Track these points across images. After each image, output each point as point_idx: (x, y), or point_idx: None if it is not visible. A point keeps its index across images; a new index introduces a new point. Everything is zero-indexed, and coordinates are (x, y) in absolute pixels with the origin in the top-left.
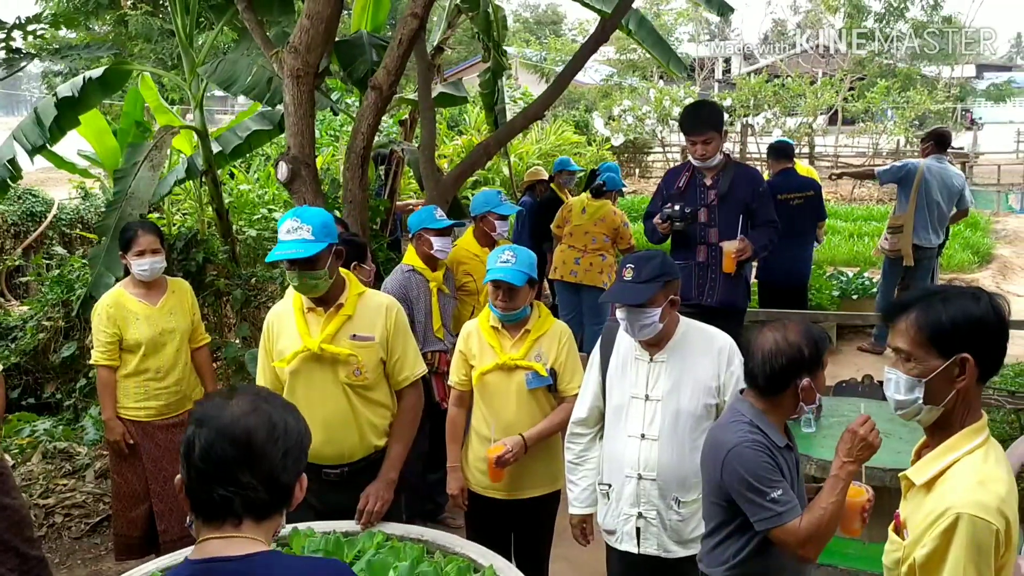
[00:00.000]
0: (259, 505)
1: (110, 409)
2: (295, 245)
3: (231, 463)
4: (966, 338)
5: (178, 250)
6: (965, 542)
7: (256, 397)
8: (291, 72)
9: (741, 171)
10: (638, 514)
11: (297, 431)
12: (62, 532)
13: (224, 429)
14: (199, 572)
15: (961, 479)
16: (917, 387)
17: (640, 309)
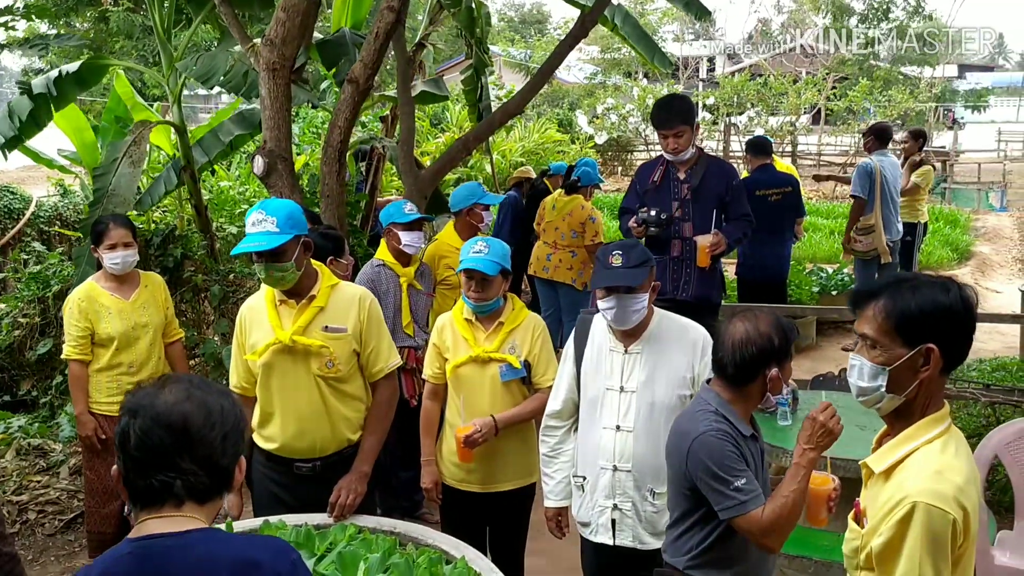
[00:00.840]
0: (199, 489)
1: (82, 404)
2: (260, 237)
3: (168, 449)
4: (933, 328)
5: (155, 246)
6: (921, 531)
7: (189, 384)
8: (267, 65)
9: (714, 165)
10: (613, 506)
11: (234, 415)
12: (35, 529)
13: (158, 417)
14: (136, 549)
15: (919, 468)
16: (881, 375)
17: (632, 294)
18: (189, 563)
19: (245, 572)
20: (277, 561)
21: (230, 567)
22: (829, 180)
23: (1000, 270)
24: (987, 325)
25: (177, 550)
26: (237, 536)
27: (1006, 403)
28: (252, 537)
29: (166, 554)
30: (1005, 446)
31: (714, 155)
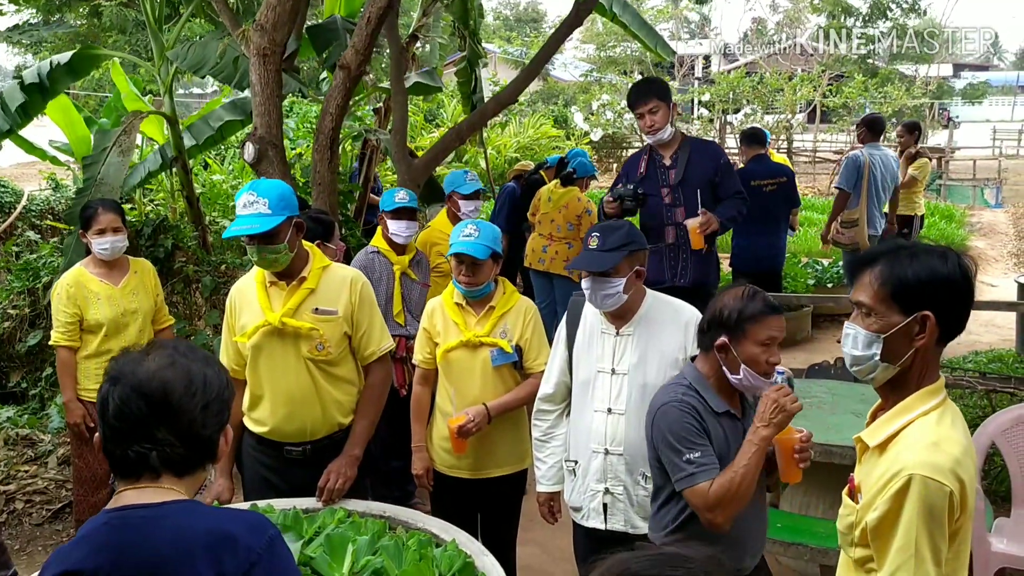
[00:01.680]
0: (177, 461)
1: (70, 391)
2: (252, 220)
3: (145, 419)
4: (930, 296)
5: (146, 236)
6: (917, 504)
7: (174, 351)
8: (258, 51)
9: (699, 146)
10: (605, 490)
11: (218, 384)
12: (23, 519)
13: (139, 385)
14: (112, 519)
15: (915, 440)
16: (876, 343)
17: (604, 278)
18: (163, 534)
19: (219, 545)
20: (253, 536)
21: (205, 539)
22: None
23: (996, 264)
24: (983, 318)
25: (152, 521)
26: (214, 509)
27: (1002, 391)
28: (230, 511)
29: (141, 525)
30: (1002, 433)
31: (697, 137)
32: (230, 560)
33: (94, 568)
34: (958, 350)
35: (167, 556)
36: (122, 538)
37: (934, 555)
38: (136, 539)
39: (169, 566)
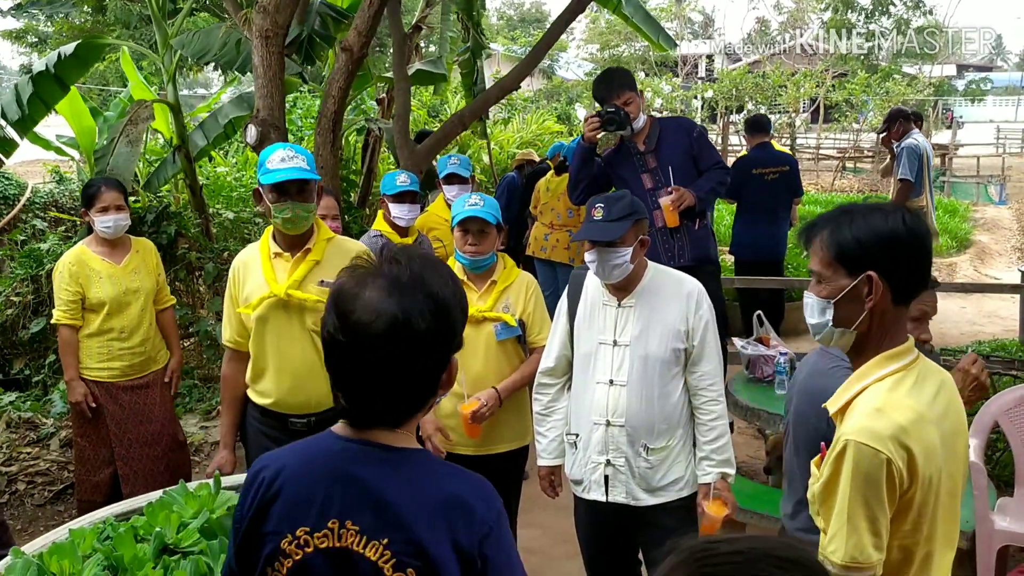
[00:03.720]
0: (397, 403)
1: (72, 369)
2: (297, 171)
3: (361, 357)
4: (874, 255)
5: (148, 223)
6: (851, 470)
7: (395, 281)
8: (260, 32)
9: (668, 124)
10: (606, 461)
11: (431, 320)
12: (25, 499)
13: (356, 322)
14: (350, 450)
15: (861, 406)
16: (828, 308)
17: (611, 248)
18: (401, 484)
19: (456, 512)
20: (487, 507)
21: (442, 502)
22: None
23: (999, 258)
24: (987, 308)
25: (391, 465)
26: (449, 468)
27: (1005, 374)
28: (462, 470)
29: (378, 466)
30: (1004, 412)
31: (666, 116)
32: (465, 529)
33: (323, 500)
34: (961, 340)
35: (402, 508)
36: (354, 475)
37: (870, 524)
38: (369, 480)
39: (403, 520)
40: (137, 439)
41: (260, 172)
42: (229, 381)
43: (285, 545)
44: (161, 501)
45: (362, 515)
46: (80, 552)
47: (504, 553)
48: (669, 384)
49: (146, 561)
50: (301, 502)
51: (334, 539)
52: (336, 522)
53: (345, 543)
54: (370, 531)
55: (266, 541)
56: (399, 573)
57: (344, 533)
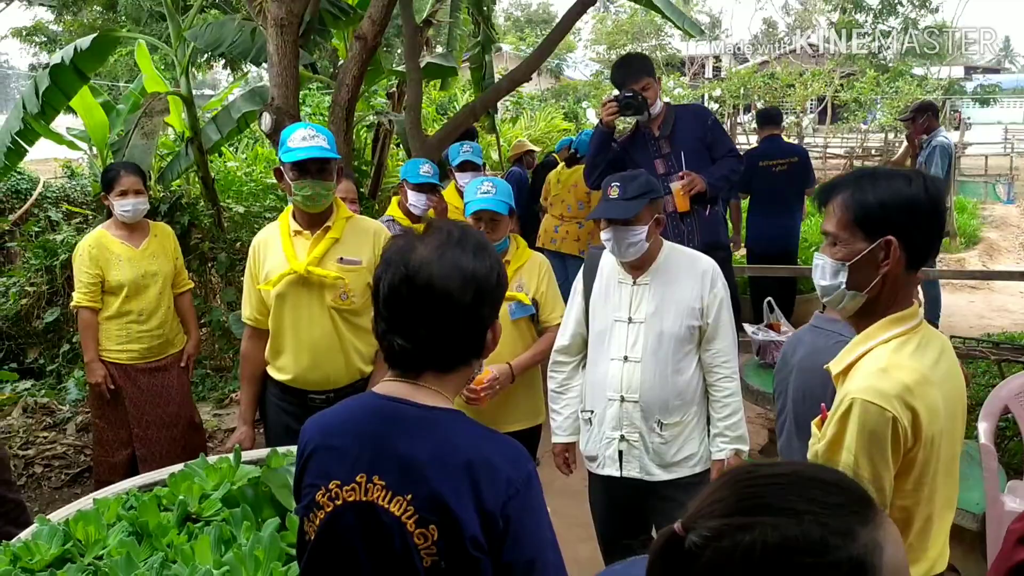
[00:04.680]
0: (441, 357)
1: (91, 351)
2: (318, 149)
3: (410, 311)
4: (893, 220)
5: (162, 213)
6: (857, 427)
7: (447, 239)
8: (275, 21)
9: (683, 111)
10: (620, 437)
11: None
12: (42, 482)
13: (407, 275)
14: (386, 408)
15: (866, 366)
16: (841, 271)
17: (627, 227)
18: (428, 443)
19: (480, 472)
20: (514, 468)
21: (467, 462)
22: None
23: (1008, 255)
24: (996, 303)
25: (421, 424)
26: (478, 430)
27: (1015, 362)
28: (493, 435)
29: (408, 424)
30: (1015, 397)
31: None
32: (489, 489)
33: (355, 455)
34: (970, 333)
35: (429, 467)
36: (387, 432)
37: (874, 481)
38: (400, 438)
39: (428, 478)
40: (155, 421)
41: (281, 150)
42: (249, 358)
43: (319, 497)
44: (183, 472)
45: (389, 471)
46: (105, 520)
47: (530, 515)
48: (683, 361)
49: (170, 528)
50: (335, 457)
51: (361, 493)
52: (364, 476)
53: (371, 497)
54: (395, 486)
55: (305, 493)
56: (421, 528)
57: (371, 487)
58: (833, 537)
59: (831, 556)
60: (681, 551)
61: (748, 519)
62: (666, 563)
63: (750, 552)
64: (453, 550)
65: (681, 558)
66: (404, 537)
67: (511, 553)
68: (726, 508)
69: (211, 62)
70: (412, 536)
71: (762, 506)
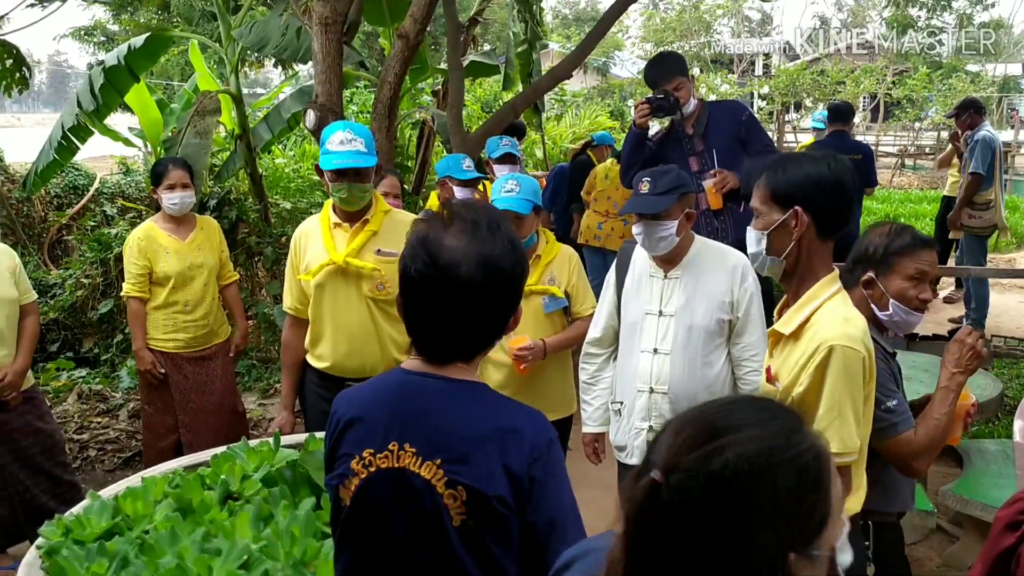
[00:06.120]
0: (466, 342)
1: (140, 339)
2: (354, 155)
3: (434, 303)
4: (800, 193)
5: (211, 208)
6: (839, 369)
7: (474, 228)
8: (320, 20)
9: (718, 108)
10: (649, 427)
11: (512, 266)
12: (95, 465)
13: (434, 261)
14: (415, 382)
15: (828, 319)
16: (762, 239)
17: (657, 221)
18: (456, 412)
19: (507, 437)
20: (537, 433)
21: (493, 427)
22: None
23: None
24: None
25: (448, 395)
26: (501, 398)
27: None
28: (516, 404)
29: (436, 396)
30: None
31: (717, 100)
32: (515, 452)
33: (386, 425)
34: (1017, 333)
35: (456, 433)
36: (416, 403)
37: (855, 414)
38: (429, 408)
39: (456, 444)
40: (199, 408)
41: (321, 152)
42: (289, 346)
43: (354, 464)
44: (225, 454)
45: (419, 438)
46: (152, 497)
47: (552, 478)
48: (712, 354)
49: (212, 505)
50: (368, 427)
51: (393, 460)
52: (396, 444)
53: (403, 463)
54: (425, 452)
55: (339, 463)
56: (450, 490)
57: (402, 454)
58: (791, 433)
59: (797, 447)
60: (665, 497)
61: (718, 442)
62: (654, 513)
63: (735, 470)
64: (481, 509)
65: (668, 504)
66: (434, 498)
67: (534, 514)
68: (694, 442)
69: (262, 60)
70: (442, 497)
71: (723, 428)
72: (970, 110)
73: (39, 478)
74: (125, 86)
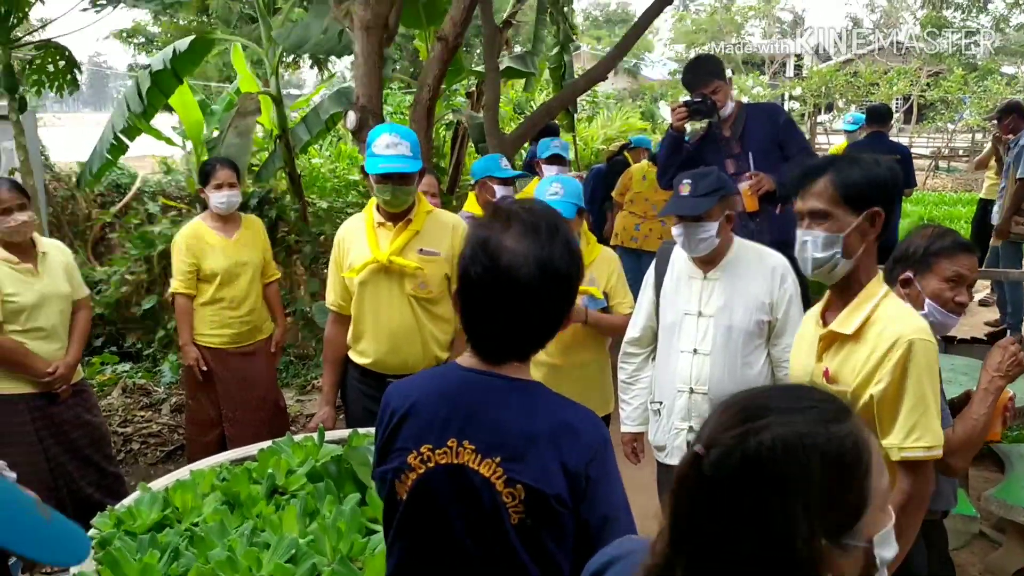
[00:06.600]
0: (521, 343)
1: (186, 335)
2: (399, 160)
3: (492, 305)
4: (875, 195)
5: (251, 207)
6: (923, 362)
7: (532, 230)
8: (361, 23)
9: (755, 110)
10: (689, 428)
11: (568, 263)
12: (139, 458)
13: (490, 265)
14: (473, 379)
15: (894, 315)
16: (836, 242)
17: (697, 223)
18: (513, 410)
19: (564, 435)
20: (593, 433)
21: (550, 425)
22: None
23: None
24: None
25: (505, 392)
26: (559, 398)
27: None
28: (570, 403)
29: (495, 392)
30: None
31: (754, 102)
32: (572, 451)
33: (444, 421)
34: None
35: (514, 432)
36: (474, 400)
37: (936, 406)
38: (487, 406)
39: (514, 442)
40: (243, 403)
41: (367, 154)
42: (332, 342)
43: (411, 460)
44: (271, 449)
45: (478, 436)
46: (200, 490)
47: (607, 477)
48: (751, 355)
49: (259, 499)
50: (426, 423)
51: (452, 456)
52: (455, 441)
53: (462, 460)
54: (484, 450)
55: (395, 456)
56: (509, 488)
57: (461, 451)
58: (831, 422)
59: (834, 434)
60: (705, 470)
61: (757, 423)
62: (695, 484)
63: (772, 449)
64: (539, 507)
65: (708, 477)
66: (493, 496)
67: (588, 511)
68: (735, 421)
69: (298, 62)
70: (501, 495)
71: (764, 410)
72: (1014, 114)
73: (87, 470)
74: (170, 88)
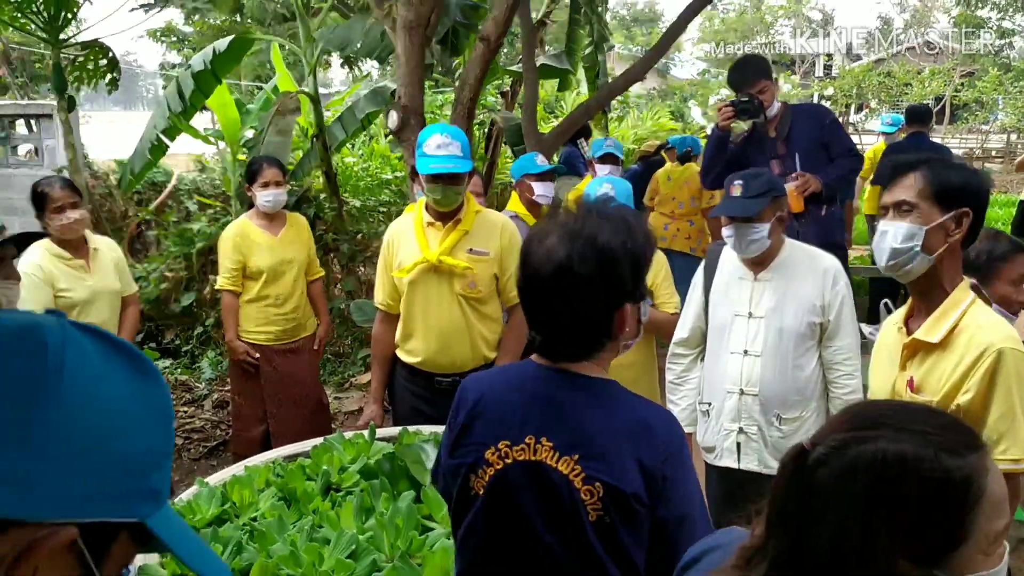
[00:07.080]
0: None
1: (232, 331)
2: (451, 160)
3: (544, 297)
4: (967, 197)
5: (290, 206)
6: (1013, 371)
7: (568, 230)
8: (404, 24)
9: (800, 111)
10: (739, 429)
11: (611, 260)
12: (182, 453)
13: (541, 265)
14: (550, 376)
15: (983, 324)
16: (917, 235)
17: (748, 224)
18: (591, 408)
19: (641, 434)
20: (669, 431)
21: (628, 424)
22: None
23: None
24: None
25: (584, 390)
26: (634, 396)
27: None
28: (645, 401)
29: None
30: None
31: (799, 103)
32: (648, 449)
33: (522, 418)
34: None
35: (592, 429)
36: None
37: None
38: (564, 403)
39: (592, 440)
40: (287, 399)
41: (418, 154)
42: (380, 341)
43: (488, 455)
44: (323, 445)
45: (556, 433)
46: (256, 485)
47: (683, 475)
48: (803, 357)
49: (315, 495)
50: (503, 418)
51: (530, 453)
52: (532, 438)
53: (540, 457)
54: (563, 448)
55: (470, 451)
56: (587, 486)
57: (539, 448)
58: (945, 454)
59: (943, 469)
60: (807, 463)
61: (869, 433)
62: (794, 474)
63: (871, 461)
64: (617, 505)
65: (807, 469)
66: (572, 493)
67: (664, 509)
68: (849, 426)
69: (328, 61)
70: (579, 492)
71: (881, 424)
72: None
73: None
74: (210, 88)
